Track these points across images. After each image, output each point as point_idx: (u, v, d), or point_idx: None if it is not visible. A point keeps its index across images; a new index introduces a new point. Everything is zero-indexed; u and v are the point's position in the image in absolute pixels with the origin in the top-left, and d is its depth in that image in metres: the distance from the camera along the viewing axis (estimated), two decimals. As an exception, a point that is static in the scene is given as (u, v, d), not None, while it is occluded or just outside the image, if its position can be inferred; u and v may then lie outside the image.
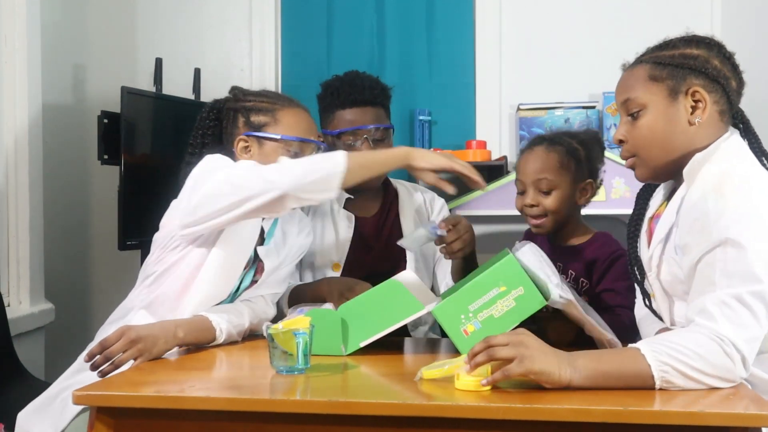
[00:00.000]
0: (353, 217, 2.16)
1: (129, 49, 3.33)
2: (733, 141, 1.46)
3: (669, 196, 1.56)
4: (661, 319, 1.55)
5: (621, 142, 1.53)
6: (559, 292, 1.48)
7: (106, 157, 2.63)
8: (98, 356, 1.50)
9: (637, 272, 1.58)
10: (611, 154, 2.94)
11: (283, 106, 1.86)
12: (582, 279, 1.85)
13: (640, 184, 2.85)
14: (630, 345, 1.29)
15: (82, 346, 1.88)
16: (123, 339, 1.51)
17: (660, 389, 1.23)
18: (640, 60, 1.53)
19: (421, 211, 2.22)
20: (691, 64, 1.45)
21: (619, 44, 3.18)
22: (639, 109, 1.48)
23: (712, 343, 1.24)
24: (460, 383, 1.25)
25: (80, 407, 1.55)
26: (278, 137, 1.81)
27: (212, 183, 1.63)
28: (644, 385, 1.23)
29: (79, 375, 1.69)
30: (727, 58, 1.48)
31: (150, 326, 1.59)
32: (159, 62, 3.07)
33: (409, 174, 2.29)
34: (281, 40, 3.40)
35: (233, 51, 3.37)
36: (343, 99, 2.10)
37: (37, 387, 1.83)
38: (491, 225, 2.98)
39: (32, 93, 2.66)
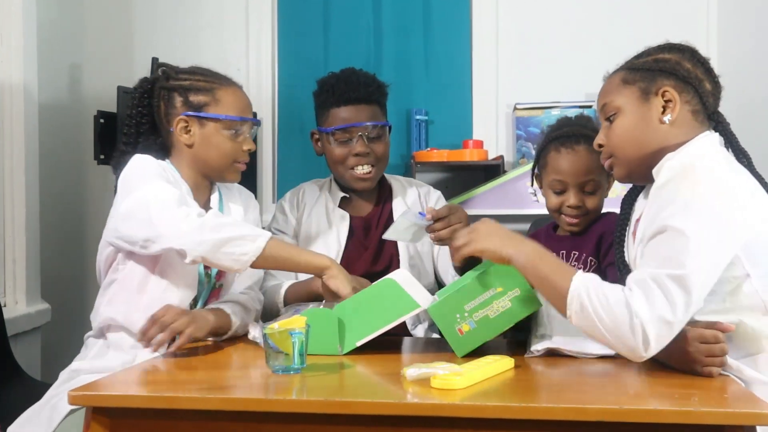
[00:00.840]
0: (348, 216, 2.16)
1: (125, 48, 3.32)
2: (705, 139, 1.50)
3: None
4: None
5: (600, 146, 1.60)
6: (535, 346, 1.52)
7: (102, 156, 2.63)
8: (152, 329, 1.54)
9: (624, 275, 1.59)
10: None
11: (222, 85, 1.86)
12: (591, 258, 1.85)
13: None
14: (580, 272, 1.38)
15: (78, 347, 1.89)
16: (170, 311, 1.57)
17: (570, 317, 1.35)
18: (617, 69, 1.61)
19: (416, 206, 2.21)
20: (662, 66, 1.51)
21: (616, 44, 3.20)
22: (614, 113, 1.55)
23: (623, 306, 1.30)
24: (436, 382, 1.25)
25: (67, 410, 1.56)
26: (221, 117, 1.81)
27: (131, 205, 1.66)
28: (559, 304, 1.37)
29: (69, 383, 1.69)
30: (700, 62, 1.54)
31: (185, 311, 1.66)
32: (155, 62, 3.06)
33: (407, 170, 2.29)
34: (278, 39, 3.39)
35: (230, 50, 3.37)
36: (338, 96, 2.09)
37: (34, 387, 1.83)
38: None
39: (28, 92, 2.65)
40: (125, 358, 1.72)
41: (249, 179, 3.26)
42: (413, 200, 2.22)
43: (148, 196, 1.66)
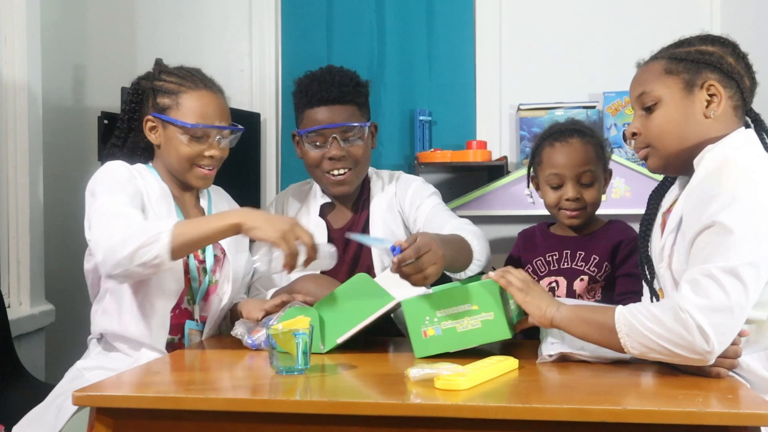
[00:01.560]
0: (324, 226, 2.08)
1: (129, 49, 3.33)
2: (743, 132, 1.49)
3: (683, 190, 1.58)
4: None
5: (634, 135, 1.56)
6: (548, 351, 1.50)
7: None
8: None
9: (646, 271, 1.59)
10: (611, 154, 2.95)
11: (188, 89, 1.83)
12: (606, 263, 1.85)
13: (641, 184, 2.88)
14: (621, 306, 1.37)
15: (82, 347, 1.90)
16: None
17: (630, 354, 1.34)
18: (655, 57, 1.57)
19: (392, 207, 2.09)
20: (707, 60, 1.48)
21: (620, 44, 3.21)
22: (654, 102, 1.51)
23: (669, 310, 1.29)
24: (440, 383, 1.24)
25: (74, 410, 1.57)
26: (176, 123, 1.80)
27: (96, 222, 1.67)
28: (611, 339, 1.35)
29: (74, 382, 1.70)
30: (741, 57, 1.52)
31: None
32: (158, 63, 3.07)
33: (410, 170, 2.28)
34: (281, 40, 3.40)
35: (233, 51, 3.37)
36: (311, 97, 1.98)
37: (38, 388, 1.83)
38: (493, 225, 2.98)
39: (32, 93, 2.66)
40: (128, 360, 1.73)
41: (252, 180, 3.27)
42: (389, 198, 2.10)
43: (92, 215, 1.68)
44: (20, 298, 2.62)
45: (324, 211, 2.10)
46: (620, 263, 1.84)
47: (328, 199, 2.09)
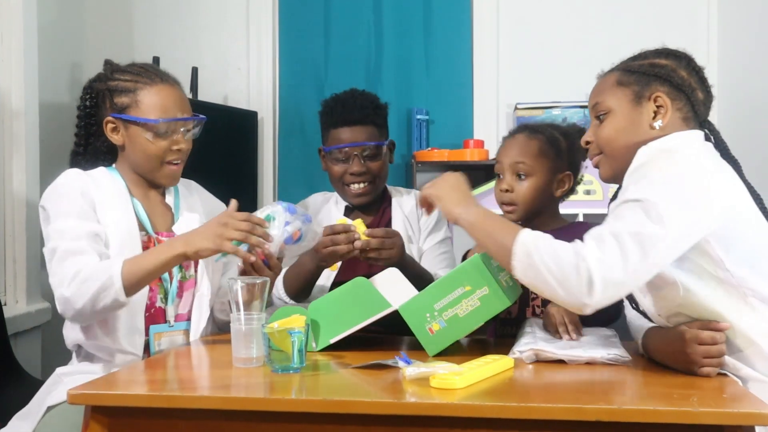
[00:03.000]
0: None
1: (126, 48, 3.33)
2: (688, 133, 1.50)
3: None
4: (649, 319, 1.55)
5: (588, 143, 1.61)
6: (521, 347, 1.50)
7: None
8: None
9: None
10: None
11: (144, 86, 1.79)
12: None
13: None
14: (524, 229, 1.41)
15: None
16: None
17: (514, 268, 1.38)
18: (612, 69, 1.61)
19: (412, 215, 2.24)
20: (657, 72, 1.52)
21: (617, 44, 3.20)
22: (605, 112, 1.55)
23: (571, 253, 1.33)
24: (435, 381, 1.25)
25: (47, 405, 1.61)
26: (139, 121, 1.77)
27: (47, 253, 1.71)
28: (504, 258, 1.40)
29: (55, 386, 1.71)
30: (695, 70, 1.54)
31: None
32: (156, 61, 3.07)
33: (407, 169, 2.28)
34: (278, 39, 3.40)
35: (230, 50, 3.37)
36: (336, 118, 2.16)
37: (34, 386, 1.83)
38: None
39: (29, 92, 2.65)
40: (108, 365, 1.74)
41: (249, 178, 3.27)
42: (410, 207, 2.25)
43: (47, 247, 1.72)
44: (16, 296, 2.62)
45: (347, 212, 2.25)
46: None
47: (349, 204, 2.25)
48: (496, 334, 1.86)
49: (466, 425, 1.17)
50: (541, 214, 1.85)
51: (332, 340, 1.60)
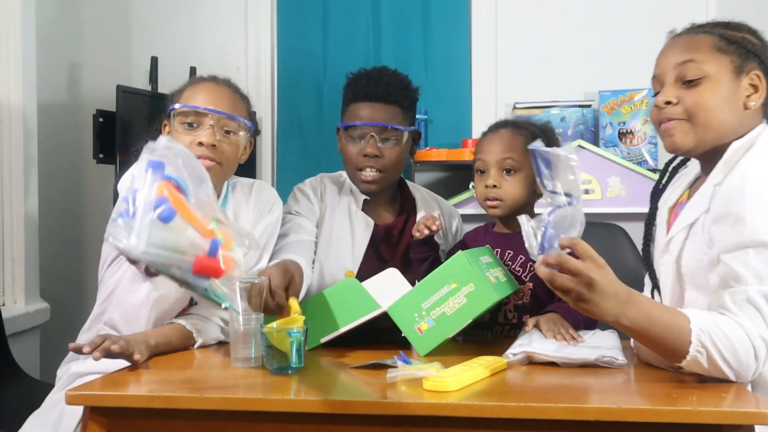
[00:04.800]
0: (372, 223, 2.02)
1: (124, 47, 3.32)
2: None
3: (691, 186, 1.54)
4: None
5: (668, 103, 1.44)
6: (511, 350, 1.46)
7: (101, 155, 2.63)
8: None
9: (651, 266, 1.57)
10: (607, 153, 2.95)
11: (192, 83, 1.80)
12: (530, 264, 1.78)
13: (636, 184, 2.89)
14: (683, 311, 1.28)
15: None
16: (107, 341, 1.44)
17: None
18: (700, 30, 1.47)
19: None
20: (754, 49, 1.42)
21: (615, 43, 3.21)
22: (701, 76, 1.41)
23: (747, 341, 1.24)
24: (429, 384, 1.24)
25: (79, 417, 1.56)
26: (170, 110, 1.75)
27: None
28: (675, 355, 1.26)
29: (72, 385, 1.69)
30: None
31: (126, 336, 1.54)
32: (154, 61, 3.07)
33: (406, 169, 2.28)
34: (277, 38, 3.39)
35: (229, 49, 3.37)
36: (357, 91, 1.96)
37: (32, 386, 1.83)
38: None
39: (27, 91, 2.65)
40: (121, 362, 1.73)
41: (248, 177, 3.27)
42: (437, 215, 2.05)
43: None
44: (15, 297, 2.62)
45: (364, 207, 2.05)
46: None
47: (368, 196, 2.04)
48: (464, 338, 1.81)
49: (464, 425, 1.17)
50: (523, 210, 1.81)
51: (323, 340, 1.60)
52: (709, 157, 1.45)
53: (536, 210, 1.87)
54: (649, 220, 1.61)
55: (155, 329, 1.66)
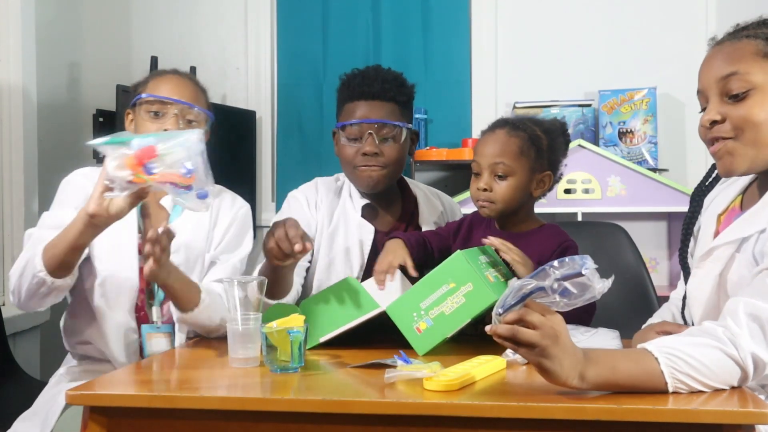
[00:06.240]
0: (373, 230, 1.96)
1: (124, 47, 3.32)
2: None
3: (744, 192, 1.47)
4: (682, 311, 1.52)
5: (713, 123, 1.34)
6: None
7: (101, 155, 2.62)
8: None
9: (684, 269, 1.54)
10: (606, 152, 2.95)
11: (156, 75, 1.87)
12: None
13: (636, 183, 2.89)
14: (642, 348, 1.22)
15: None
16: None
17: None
18: (746, 35, 1.36)
19: (441, 221, 2.05)
20: None
21: (615, 43, 3.21)
22: (748, 89, 1.30)
23: (727, 360, 1.19)
24: (429, 384, 1.24)
25: (62, 406, 1.58)
26: (135, 100, 1.82)
27: None
28: (658, 392, 1.19)
29: (61, 384, 1.70)
30: None
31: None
32: (154, 60, 3.07)
33: (406, 168, 2.27)
34: (277, 38, 3.40)
35: (229, 49, 3.37)
36: (353, 90, 1.93)
37: (33, 386, 1.83)
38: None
39: (27, 91, 2.65)
40: (106, 365, 1.76)
41: (248, 177, 3.26)
42: (439, 213, 2.08)
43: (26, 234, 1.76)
44: (15, 297, 2.61)
45: (364, 213, 1.99)
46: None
47: (367, 200, 1.99)
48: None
49: (464, 425, 1.17)
50: (517, 213, 1.80)
51: (322, 339, 1.60)
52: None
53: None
54: (689, 220, 1.53)
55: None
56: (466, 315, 1.51)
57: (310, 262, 1.96)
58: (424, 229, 1.99)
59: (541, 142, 1.76)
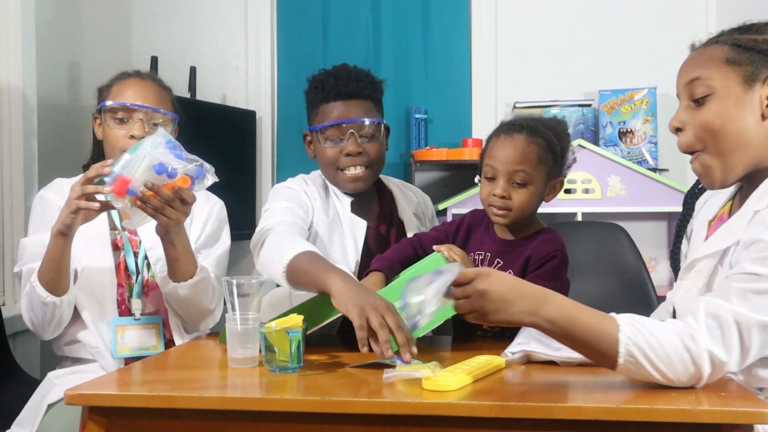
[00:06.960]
0: (365, 224, 1.96)
1: (124, 47, 3.32)
2: None
3: (733, 198, 1.46)
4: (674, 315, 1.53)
5: (678, 130, 1.35)
6: (509, 349, 1.45)
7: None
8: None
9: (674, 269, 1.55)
10: (606, 152, 2.95)
11: (119, 80, 1.90)
12: (509, 271, 1.74)
13: (636, 183, 2.89)
14: (614, 316, 1.22)
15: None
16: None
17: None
18: (715, 40, 1.36)
19: (418, 212, 2.08)
20: None
21: (615, 43, 3.21)
22: (707, 94, 1.31)
23: (684, 351, 1.18)
24: (428, 384, 1.24)
25: (47, 405, 1.63)
26: (100, 107, 1.87)
27: None
28: (605, 361, 1.21)
29: (49, 389, 1.71)
30: None
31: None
32: (154, 60, 3.07)
33: (406, 168, 2.28)
34: (277, 38, 3.40)
35: (229, 50, 3.37)
36: (328, 91, 1.90)
37: (33, 386, 1.83)
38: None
39: (27, 92, 2.65)
40: (96, 366, 1.78)
41: (248, 177, 3.27)
42: (415, 204, 2.09)
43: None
44: (15, 296, 2.61)
45: (352, 210, 1.99)
46: (533, 270, 1.74)
47: (350, 198, 1.99)
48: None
49: (463, 425, 1.16)
50: (527, 217, 1.77)
51: (308, 332, 1.59)
52: (753, 180, 1.34)
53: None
54: (681, 224, 1.53)
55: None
56: (445, 313, 1.41)
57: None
58: (405, 222, 2.01)
59: (556, 149, 1.73)
